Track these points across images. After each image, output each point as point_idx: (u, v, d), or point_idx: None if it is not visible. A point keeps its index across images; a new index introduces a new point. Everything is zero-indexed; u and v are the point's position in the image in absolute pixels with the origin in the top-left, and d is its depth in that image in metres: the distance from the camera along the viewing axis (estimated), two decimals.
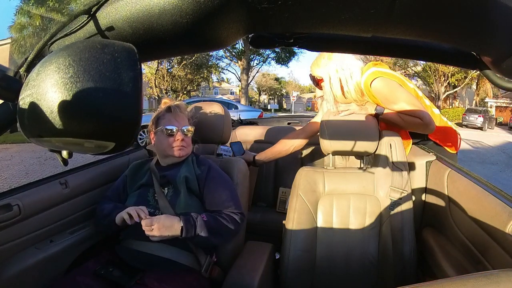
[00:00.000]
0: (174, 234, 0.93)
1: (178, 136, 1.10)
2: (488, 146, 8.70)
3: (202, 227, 0.96)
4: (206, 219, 0.98)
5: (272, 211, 1.77)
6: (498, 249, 0.76)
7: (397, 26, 0.33)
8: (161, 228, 0.91)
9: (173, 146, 1.10)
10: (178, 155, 1.11)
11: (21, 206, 0.92)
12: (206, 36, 0.34)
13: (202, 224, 0.96)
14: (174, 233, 0.93)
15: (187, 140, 1.13)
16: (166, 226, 0.92)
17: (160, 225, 0.92)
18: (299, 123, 2.31)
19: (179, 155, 1.11)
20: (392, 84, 1.18)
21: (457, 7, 0.30)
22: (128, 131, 0.29)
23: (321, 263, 1.09)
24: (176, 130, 1.10)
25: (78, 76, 0.27)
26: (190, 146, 1.15)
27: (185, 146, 1.12)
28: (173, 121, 1.11)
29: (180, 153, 1.11)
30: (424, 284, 0.35)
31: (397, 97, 1.18)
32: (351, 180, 1.15)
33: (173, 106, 1.13)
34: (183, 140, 1.11)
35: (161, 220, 0.93)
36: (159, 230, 0.91)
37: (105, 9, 0.33)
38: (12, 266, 0.89)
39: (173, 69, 16.44)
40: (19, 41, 8.35)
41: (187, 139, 1.13)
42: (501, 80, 0.48)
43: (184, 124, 1.13)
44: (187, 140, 1.13)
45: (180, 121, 1.12)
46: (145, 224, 0.92)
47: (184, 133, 1.12)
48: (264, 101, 34.99)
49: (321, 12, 0.31)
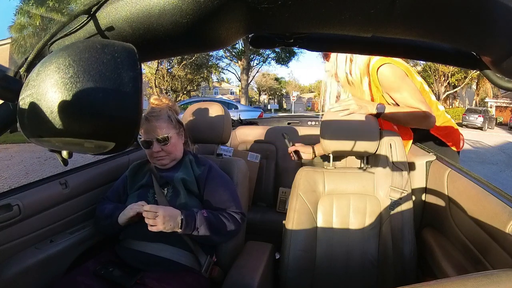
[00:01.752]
0: (175, 226, 0.92)
1: (154, 148, 1.06)
2: (488, 146, 8.70)
3: (202, 222, 0.95)
4: (206, 215, 0.98)
5: (272, 211, 1.77)
6: (498, 249, 0.76)
7: (397, 26, 0.33)
8: (166, 217, 0.90)
9: (154, 157, 1.08)
10: (160, 165, 1.10)
11: (21, 206, 0.92)
12: (206, 36, 0.34)
13: (202, 219, 0.96)
14: (175, 225, 0.92)
15: (167, 148, 1.07)
16: (170, 216, 0.91)
17: (165, 213, 0.90)
18: (299, 123, 2.31)
19: (161, 165, 1.10)
20: (399, 72, 1.18)
21: (457, 7, 0.30)
22: (128, 131, 0.29)
23: (321, 263, 1.09)
24: (151, 141, 1.06)
25: (78, 76, 0.27)
26: (173, 152, 1.10)
27: (163, 156, 1.08)
28: (149, 132, 1.06)
29: (161, 163, 1.09)
30: (424, 284, 0.35)
31: (401, 87, 1.18)
32: (351, 180, 1.15)
33: (148, 116, 1.07)
34: (161, 151, 1.07)
35: (166, 209, 0.92)
36: (163, 219, 0.89)
37: (105, 9, 0.33)
38: (12, 266, 0.89)
39: (173, 69, 16.44)
40: (19, 41, 8.34)
41: (167, 147, 1.07)
42: (501, 80, 0.48)
43: (158, 133, 1.05)
44: (167, 148, 1.07)
45: (152, 131, 1.05)
46: (150, 209, 0.90)
47: (162, 143, 1.06)
48: (264, 101, 34.98)
49: (321, 12, 0.31)
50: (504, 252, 0.74)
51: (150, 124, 1.06)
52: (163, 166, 1.11)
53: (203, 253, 1.01)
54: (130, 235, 1.02)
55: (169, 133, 1.08)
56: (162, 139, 1.06)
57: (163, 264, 0.96)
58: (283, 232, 1.15)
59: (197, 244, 1.01)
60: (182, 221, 0.93)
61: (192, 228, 0.94)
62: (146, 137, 1.07)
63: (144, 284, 0.88)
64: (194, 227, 0.94)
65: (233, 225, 1.02)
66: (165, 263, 0.96)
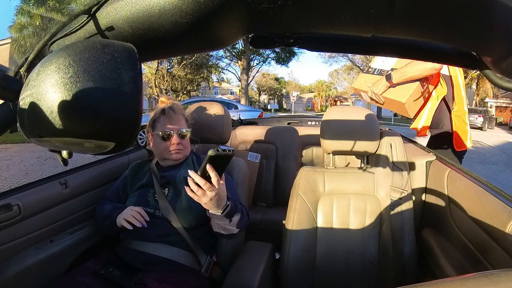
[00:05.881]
0: (218, 207, 0.85)
1: (174, 140, 1.08)
2: (488, 146, 8.69)
3: (237, 214, 0.93)
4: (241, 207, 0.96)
5: (272, 211, 1.77)
6: (498, 249, 0.76)
7: (397, 26, 0.33)
8: (219, 196, 0.82)
9: (170, 150, 1.09)
10: (175, 159, 1.10)
11: (21, 206, 0.92)
12: (206, 36, 0.34)
13: (239, 211, 0.94)
14: (218, 206, 0.85)
15: (184, 143, 1.11)
16: (222, 198, 0.85)
17: (222, 193, 0.83)
18: (299, 123, 2.32)
19: (176, 158, 1.10)
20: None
21: (457, 7, 0.30)
22: (128, 131, 0.29)
23: (321, 263, 1.09)
24: (172, 133, 1.08)
25: (78, 76, 0.27)
26: (188, 148, 1.14)
27: (181, 149, 1.10)
28: (168, 124, 1.09)
29: (177, 156, 1.10)
30: (424, 284, 0.35)
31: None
32: (351, 180, 1.15)
33: (167, 109, 1.10)
34: (180, 144, 1.09)
35: (223, 190, 0.84)
36: (215, 196, 0.80)
37: (105, 9, 0.33)
38: (12, 266, 0.89)
39: (173, 69, 16.42)
40: (19, 41, 8.34)
41: (184, 142, 1.11)
42: (501, 80, 0.48)
43: (180, 126, 1.10)
44: (184, 143, 1.11)
45: (175, 124, 1.09)
46: (210, 188, 0.79)
47: (181, 136, 1.10)
48: (264, 101, 34.98)
49: (321, 12, 0.31)
50: (504, 252, 0.74)
51: (169, 117, 1.09)
52: (175, 161, 1.11)
53: (203, 253, 1.01)
54: (130, 235, 1.02)
55: (186, 128, 1.12)
56: (182, 132, 1.10)
57: (163, 264, 0.96)
58: (283, 232, 1.15)
59: (197, 244, 1.01)
60: (227, 207, 0.88)
61: (230, 216, 0.90)
62: (166, 129, 1.08)
63: (144, 284, 0.88)
64: (231, 216, 0.91)
65: (246, 217, 1.01)
66: (165, 263, 0.96)
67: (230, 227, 0.94)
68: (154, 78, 15.32)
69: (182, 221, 0.99)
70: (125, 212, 0.99)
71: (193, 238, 1.00)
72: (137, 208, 0.99)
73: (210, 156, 0.73)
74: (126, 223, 0.96)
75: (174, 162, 1.12)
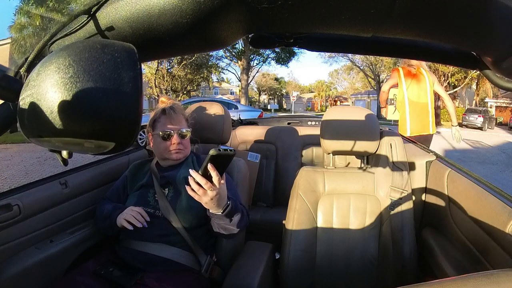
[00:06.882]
0: (218, 206, 0.85)
1: (174, 140, 1.08)
2: (488, 146, 8.69)
3: (238, 214, 0.93)
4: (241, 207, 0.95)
5: (272, 211, 1.77)
6: (498, 249, 0.76)
7: (397, 26, 0.33)
8: (220, 196, 0.82)
9: (170, 150, 1.08)
10: (175, 159, 1.10)
11: (21, 206, 0.92)
12: (206, 36, 0.34)
13: (239, 211, 0.93)
14: (219, 206, 0.85)
15: (184, 143, 1.11)
16: (223, 198, 0.84)
17: (223, 192, 0.83)
18: (299, 123, 2.31)
19: (176, 158, 1.10)
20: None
21: (457, 7, 0.30)
22: (128, 131, 0.29)
23: (321, 263, 1.09)
24: (172, 133, 1.08)
25: (78, 76, 0.27)
26: (188, 147, 1.14)
27: (182, 149, 1.10)
28: (168, 124, 1.08)
29: (177, 156, 1.10)
30: (424, 284, 0.35)
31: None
32: (351, 180, 1.15)
33: (167, 109, 1.10)
34: (180, 143, 1.09)
35: (224, 190, 0.83)
36: (215, 196, 0.80)
37: (105, 9, 0.33)
38: (12, 266, 0.89)
39: (173, 69, 16.42)
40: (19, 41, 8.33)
41: (184, 141, 1.11)
42: (501, 80, 0.48)
43: (181, 126, 1.10)
44: (184, 143, 1.11)
45: (176, 124, 1.09)
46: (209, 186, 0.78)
47: (181, 136, 1.10)
48: (264, 101, 34.97)
49: (321, 12, 0.31)
50: (504, 252, 0.74)
51: (169, 116, 1.09)
52: (175, 161, 1.11)
53: (203, 253, 1.01)
54: (130, 235, 1.01)
55: (186, 128, 1.12)
56: (183, 132, 1.10)
57: (163, 264, 0.96)
58: (283, 232, 1.15)
59: (197, 244, 1.01)
60: (228, 207, 0.88)
61: (230, 216, 0.90)
62: (166, 129, 1.08)
63: (144, 284, 0.88)
64: (231, 216, 0.91)
65: (246, 217, 1.01)
66: (165, 263, 0.96)
67: (231, 227, 0.94)
68: (154, 78, 15.33)
69: (182, 221, 0.99)
70: (125, 212, 0.99)
71: (193, 238, 1.00)
72: (138, 208, 0.99)
73: (212, 156, 0.73)
74: (126, 223, 0.96)
75: (174, 162, 1.12)
